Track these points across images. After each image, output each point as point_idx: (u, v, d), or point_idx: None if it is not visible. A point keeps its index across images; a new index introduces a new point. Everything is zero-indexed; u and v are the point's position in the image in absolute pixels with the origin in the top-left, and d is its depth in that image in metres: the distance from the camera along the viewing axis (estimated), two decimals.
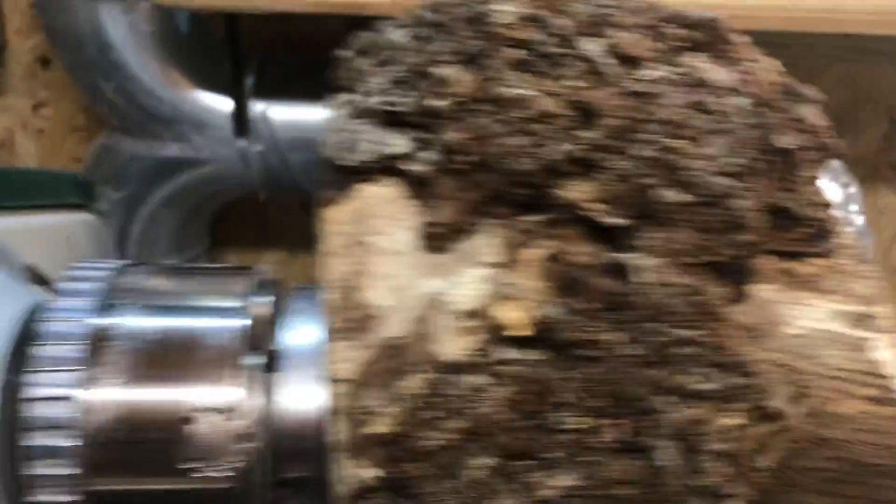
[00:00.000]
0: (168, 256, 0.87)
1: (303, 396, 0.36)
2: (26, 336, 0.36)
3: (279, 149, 0.83)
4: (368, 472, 0.32)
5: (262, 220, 1.12)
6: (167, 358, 0.35)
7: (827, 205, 0.36)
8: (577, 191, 0.30)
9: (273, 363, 0.37)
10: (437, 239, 0.34)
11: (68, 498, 0.34)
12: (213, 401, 0.35)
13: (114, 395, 0.34)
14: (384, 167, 0.34)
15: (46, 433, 0.34)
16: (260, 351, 0.38)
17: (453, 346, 0.31)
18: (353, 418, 0.35)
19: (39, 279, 0.43)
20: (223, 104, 0.83)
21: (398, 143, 0.34)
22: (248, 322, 0.37)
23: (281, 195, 0.94)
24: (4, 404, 0.36)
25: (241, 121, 0.82)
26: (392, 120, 0.35)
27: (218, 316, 0.37)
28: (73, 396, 0.34)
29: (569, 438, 0.28)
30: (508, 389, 0.29)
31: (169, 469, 0.34)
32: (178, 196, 0.86)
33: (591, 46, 0.32)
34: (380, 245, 0.34)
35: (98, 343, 0.35)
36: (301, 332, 0.38)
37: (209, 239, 0.98)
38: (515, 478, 0.29)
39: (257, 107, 0.83)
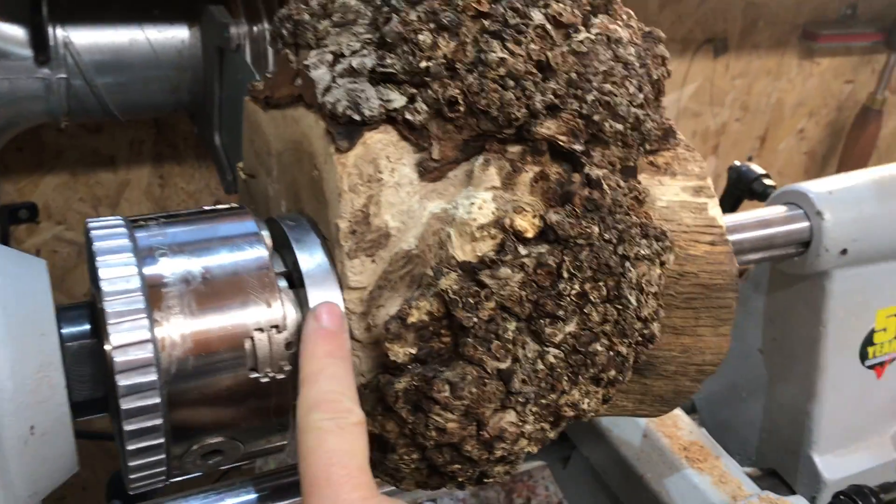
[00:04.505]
0: None
1: None
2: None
3: (85, 74, 0.83)
4: (403, 351, 0.43)
5: (39, 145, 1.07)
6: (217, 291, 0.42)
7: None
8: (547, 127, 0.42)
9: (297, 282, 0.45)
10: (434, 171, 0.44)
11: (159, 421, 0.41)
12: (266, 319, 0.43)
13: (183, 329, 0.41)
14: (385, 118, 0.43)
15: (134, 373, 0.40)
16: (285, 273, 0.46)
17: (471, 249, 0.42)
18: (369, 317, 0.45)
19: None
20: (20, 32, 0.80)
21: (395, 97, 0.43)
22: (268, 251, 0.45)
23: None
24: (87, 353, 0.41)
25: (41, 48, 0.80)
26: (383, 77, 0.43)
27: (243, 249, 0.44)
28: (151, 339, 0.40)
29: (570, 300, 0.41)
30: (525, 275, 0.41)
31: (239, 380, 0.42)
32: None
33: (537, 15, 0.43)
34: (386, 180, 0.44)
35: (155, 290, 0.41)
36: (309, 256, 0.46)
37: None
38: (535, 332, 0.42)
39: (58, 33, 0.81)
